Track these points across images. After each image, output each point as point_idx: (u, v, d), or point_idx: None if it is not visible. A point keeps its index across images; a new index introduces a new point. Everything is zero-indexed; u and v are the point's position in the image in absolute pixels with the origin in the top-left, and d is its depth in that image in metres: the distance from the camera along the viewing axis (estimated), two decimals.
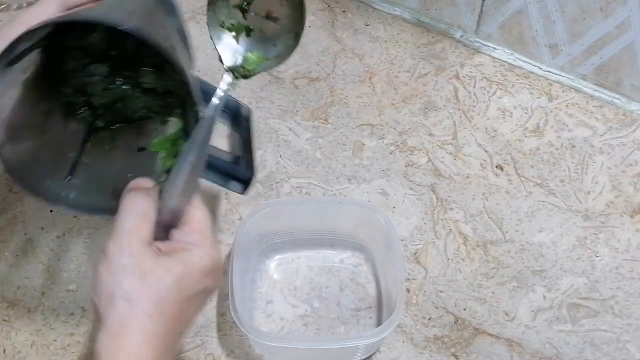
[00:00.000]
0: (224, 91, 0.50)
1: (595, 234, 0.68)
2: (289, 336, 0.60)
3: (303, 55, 0.82)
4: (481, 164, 0.73)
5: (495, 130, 0.76)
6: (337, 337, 0.60)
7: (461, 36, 0.84)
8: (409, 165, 0.73)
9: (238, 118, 0.60)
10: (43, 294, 0.64)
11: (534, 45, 0.79)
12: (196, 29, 0.84)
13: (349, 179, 0.72)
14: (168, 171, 0.48)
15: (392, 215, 0.68)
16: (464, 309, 0.63)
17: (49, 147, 0.49)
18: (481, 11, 0.80)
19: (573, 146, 0.74)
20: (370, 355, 0.60)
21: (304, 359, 0.61)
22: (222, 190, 0.66)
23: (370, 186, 0.71)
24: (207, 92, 0.49)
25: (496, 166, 0.73)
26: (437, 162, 0.73)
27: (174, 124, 0.54)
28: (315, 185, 0.71)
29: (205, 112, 0.47)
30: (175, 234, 0.44)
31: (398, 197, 0.70)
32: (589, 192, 0.71)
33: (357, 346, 0.56)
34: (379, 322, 0.61)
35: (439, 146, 0.74)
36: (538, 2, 0.75)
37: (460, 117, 0.77)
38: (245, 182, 0.56)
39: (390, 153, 0.74)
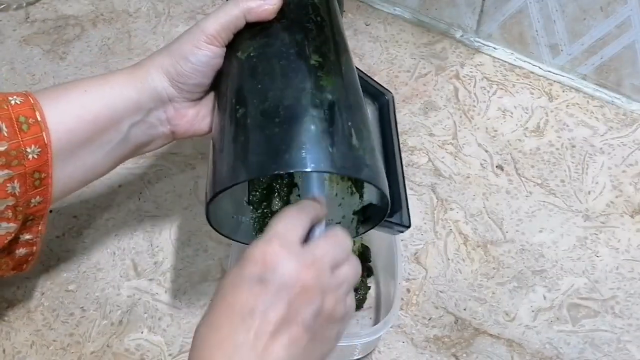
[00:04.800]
0: None
1: (596, 234, 0.68)
2: None
3: None
4: (481, 164, 0.73)
5: (495, 130, 0.76)
6: None
7: (461, 36, 0.84)
8: (409, 165, 0.73)
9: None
10: (43, 294, 0.64)
11: (534, 45, 0.79)
12: None
13: None
14: None
15: None
16: (464, 309, 0.63)
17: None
18: (481, 11, 0.80)
19: (573, 146, 0.74)
20: (370, 355, 0.60)
21: None
22: None
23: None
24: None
25: (496, 166, 0.73)
26: (437, 162, 0.73)
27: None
28: None
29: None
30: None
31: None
32: (589, 192, 0.71)
33: (354, 345, 0.56)
34: (377, 323, 0.61)
35: (439, 146, 0.74)
36: (538, 1, 0.75)
37: (461, 117, 0.77)
38: (400, 231, 0.55)
39: None
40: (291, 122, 0.46)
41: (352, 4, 0.88)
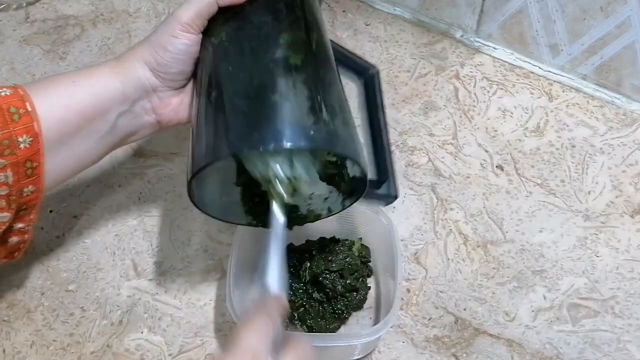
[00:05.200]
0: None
1: (596, 234, 0.68)
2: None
3: None
4: (481, 164, 0.73)
5: (495, 130, 0.76)
6: (334, 336, 0.60)
7: (461, 36, 0.84)
8: (409, 165, 0.73)
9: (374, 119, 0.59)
10: (43, 294, 0.64)
11: (534, 45, 0.79)
12: None
13: None
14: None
15: (392, 215, 0.68)
16: (464, 309, 0.63)
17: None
18: (481, 11, 0.80)
19: (573, 146, 0.74)
20: (370, 355, 0.60)
21: None
22: None
23: None
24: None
25: (496, 166, 0.73)
26: (438, 162, 0.73)
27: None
28: None
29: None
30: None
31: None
32: (589, 192, 0.71)
33: (354, 345, 0.56)
34: (377, 323, 0.61)
35: (439, 146, 0.74)
36: (538, 1, 0.75)
37: (461, 117, 0.77)
38: (388, 202, 0.56)
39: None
40: (260, 101, 0.47)
41: (352, 4, 0.88)
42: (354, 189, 0.54)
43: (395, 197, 0.56)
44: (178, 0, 0.89)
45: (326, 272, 0.60)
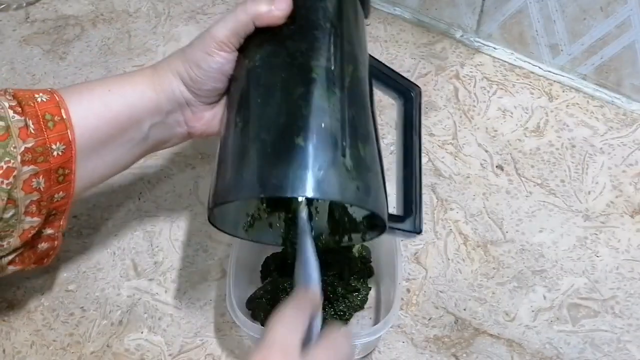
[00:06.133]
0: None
1: (596, 234, 0.68)
2: None
3: None
4: (481, 164, 0.73)
5: (495, 130, 0.76)
6: None
7: (461, 36, 0.84)
8: None
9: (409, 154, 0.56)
10: (43, 294, 0.64)
11: (534, 45, 0.79)
12: (196, 29, 0.85)
13: None
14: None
15: None
16: (464, 309, 0.63)
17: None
18: (481, 11, 0.80)
19: (573, 146, 0.74)
20: (370, 355, 0.60)
21: None
22: None
23: None
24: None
25: (496, 166, 0.73)
26: (437, 162, 0.73)
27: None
28: None
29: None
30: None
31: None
32: (589, 192, 0.71)
33: (354, 345, 0.56)
34: (377, 323, 0.61)
35: (439, 146, 0.74)
36: (538, 1, 0.75)
37: (461, 117, 0.77)
38: (410, 236, 0.54)
39: (391, 153, 0.73)
40: (285, 143, 0.46)
41: None
42: (376, 222, 0.52)
43: (419, 233, 0.53)
44: (178, 0, 0.89)
45: (326, 273, 0.60)
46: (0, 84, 0.80)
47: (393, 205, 0.54)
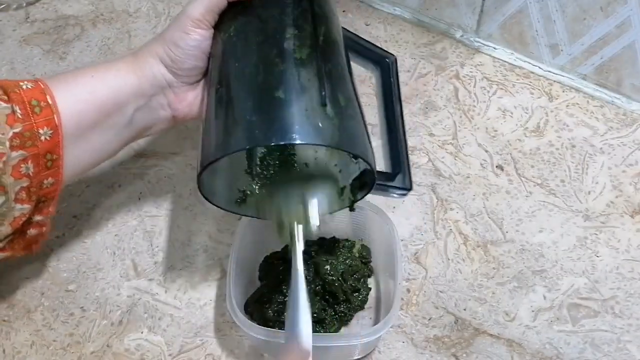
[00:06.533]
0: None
1: (596, 234, 0.68)
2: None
3: None
4: (481, 164, 0.73)
5: (495, 130, 0.76)
6: (334, 336, 0.60)
7: (461, 36, 0.84)
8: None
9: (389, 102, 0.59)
10: (43, 294, 0.64)
11: (534, 45, 0.79)
12: None
13: None
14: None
15: (392, 215, 0.68)
16: (464, 309, 0.63)
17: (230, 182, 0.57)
18: (481, 11, 0.80)
19: (573, 146, 0.74)
20: (370, 355, 0.60)
21: None
22: None
23: None
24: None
25: (496, 166, 0.73)
26: (437, 162, 0.73)
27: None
28: None
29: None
30: None
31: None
32: (589, 192, 0.71)
33: (354, 345, 0.56)
34: (377, 323, 0.61)
35: (439, 146, 0.74)
36: (538, 1, 0.75)
37: (461, 117, 0.77)
38: (402, 194, 0.56)
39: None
40: (265, 97, 0.48)
41: (352, 4, 0.88)
42: (365, 181, 0.53)
43: (409, 190, 0.56)
44: (178, 0, 0.89)
45: (327, 274, 0.60)
46: None
47: (381, 167, 0.56)
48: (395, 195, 0.56)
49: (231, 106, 0.49)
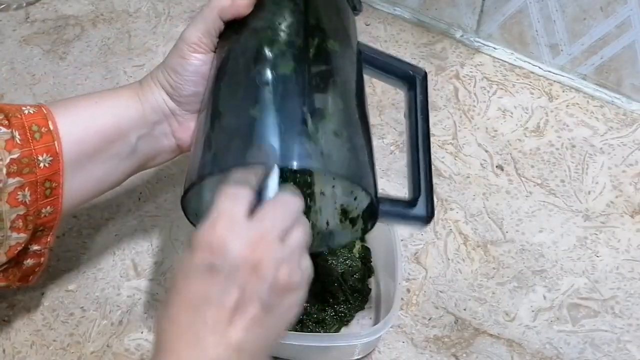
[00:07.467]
0: None
1: (596, 234, 0.68)
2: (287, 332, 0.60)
3: None
4: (481, 164, 0.73)
5: (495, 130, 0.76)
6: (334, 336, 0.60)
7: (461, 36, 0.84)
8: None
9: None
10: (43, 294, 0.64)
11: (534, 45, 0.79)
12: None
13: None
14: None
15: None
16: (464, 309, 0.63)
17: None
18: (481, 11, 0.80)
19: (573, 146, 0.74)
20: (370, 355, 0.60)
21: (303, 356, 0.61)
22: None
23: None
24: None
25: (496, 166, 0.73)
26: (438, 162, 0.73)
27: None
28: None
29: None
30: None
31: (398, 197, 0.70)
32: (589, 192, 0.71)
33: (354, 345, 0.56)
34: (377, 323, 0.61)
35: (439, 146, 0.74)
36: (538, 1, 0.75)
37: (461, 117, 0.77)
38: (422, 223, 0.51)
39: (391, 153, 0.73)
40: (240, 117, 0.46)
41: None
42: (373, 212, 0.49)
43: (430, 218, 0.50)
44: (178, 0, 0.89)
45: (327, 274, 0.60)
46: (0, 84, 0.80)
47: (402, 190, 0.53)
48: (416, 225, 0.51)
49: (212, 127, 0.47)
